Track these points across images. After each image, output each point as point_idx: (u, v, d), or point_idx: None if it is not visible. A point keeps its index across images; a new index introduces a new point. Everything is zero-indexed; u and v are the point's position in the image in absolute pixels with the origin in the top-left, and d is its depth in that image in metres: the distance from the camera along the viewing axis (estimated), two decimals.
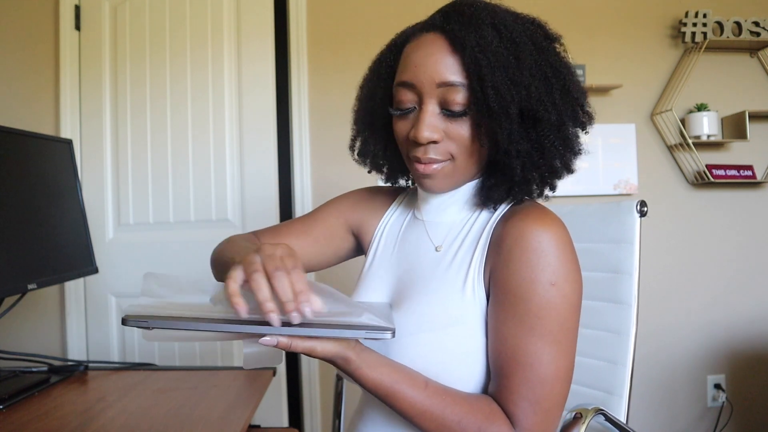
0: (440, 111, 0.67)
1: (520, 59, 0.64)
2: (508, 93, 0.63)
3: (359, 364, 0.61)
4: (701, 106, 2.09)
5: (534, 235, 0.64)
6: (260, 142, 1.88)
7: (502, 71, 0.63)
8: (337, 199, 0.93)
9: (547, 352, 0.63)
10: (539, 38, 0.68)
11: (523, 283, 0.63)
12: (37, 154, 1.24)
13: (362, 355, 0.61)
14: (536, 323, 0.63)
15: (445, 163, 0.69)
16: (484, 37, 0.63)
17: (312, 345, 0.56)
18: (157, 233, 1.92)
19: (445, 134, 0.68)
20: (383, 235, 0.85)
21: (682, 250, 2.15)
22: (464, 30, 0.64)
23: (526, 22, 0.69)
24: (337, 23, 2.02)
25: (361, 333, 0.55)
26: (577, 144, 0.71)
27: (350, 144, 0.87)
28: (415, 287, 0.73)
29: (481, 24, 0.64)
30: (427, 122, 0.66)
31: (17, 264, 1.12)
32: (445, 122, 0.67)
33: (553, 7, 2.07)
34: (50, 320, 1.96)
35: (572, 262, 0.65)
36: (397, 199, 0.90)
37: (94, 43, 1.95)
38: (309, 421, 1.99)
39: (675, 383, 2.13)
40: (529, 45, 0.65)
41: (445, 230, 0.76)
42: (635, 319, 0.91)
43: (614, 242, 0.96)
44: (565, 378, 0.64)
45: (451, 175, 0.70)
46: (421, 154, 0.69)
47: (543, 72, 0.66)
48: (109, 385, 1.11)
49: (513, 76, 0.63)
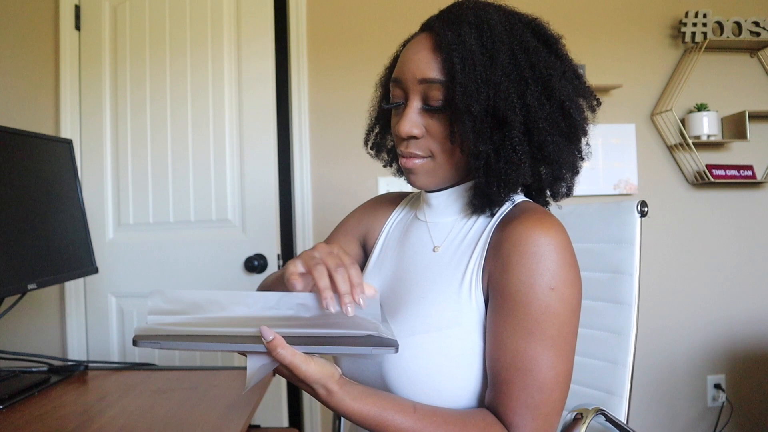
0: (422, 106, 0.69)
1: (495, 59, 0.64)
2: (475, 91, 0.63)
3: (342, 396, 0.60)
4: (701, 106, 2.09)
5: (533, 239, 0.64)
6: (260, 142, 1.88)
7: (472, 69, 0.63)
8: (346, 218, 0.95)
9: (546, 357, 0.62)
10: (528, 39, 0.66)
11: (522, 288, 0.63)
12: (37, 154, 1.24)
13: (346, 387, 0.60)
14: (535, 328, 0.62)
15: (425, 159, 0.71)
16: (461, 36, 0.64)
17: (296, 362, 0.56)
18: (157, 233, 1.92)
19: (426, 130, 0.69)
20: (386, 238, 0.86)
21: (682, 250, 2.15)
22: (446, 29, 0.66)
23: (517, 23, 0.68)
24: (337, 23, 2.02)
25: (366, 350, 0.56)
26: (554, 152, 0.67)
27: (365, 138, 0.88)
28: (412, 289, 0.73)
29: (462, 23, 0.65)
30: (408, 117, 0.69)
31: (17, 264, 1.12)
32: (426, 118, 0.69)
33: (553, 7, 2.07)
34: (50, 320, 1.96)
35: (572, 266, 0.65)
36: (401, 203, 0.90)
37: (94, 43, 1.95)
38: (309, 421, 1.99)
39: (675, 383, 2.13)
40: (510, 45, 0.65)
41: (446, 231, 0.76)
42: (635, 320, 0.91)
43: (615, 242, 0.96)
44: (563, 383, 0.64)
45: (432, 172, 0.72)
46: (404, 148, 0.71)
47: (520, 73, 0.65)
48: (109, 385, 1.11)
49: (483, 74, 0.63)
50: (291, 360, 0.56)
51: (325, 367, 0.59)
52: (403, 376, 0.66)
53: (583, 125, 0.70)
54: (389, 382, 0.68)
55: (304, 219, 1.99)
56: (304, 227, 1.99)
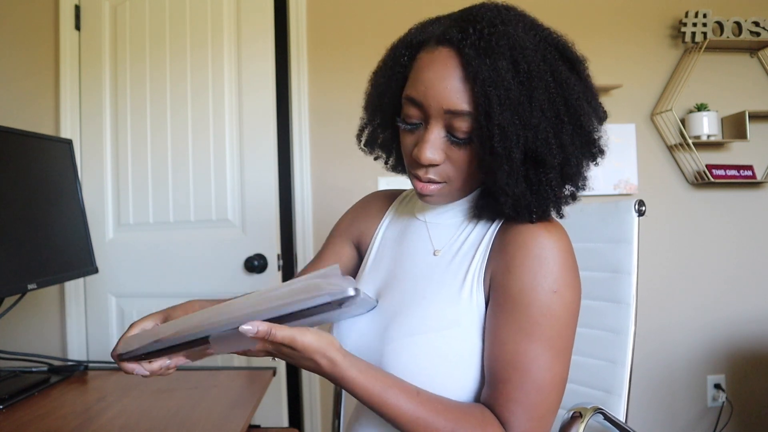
0: (445, 135, 0.66)
1: (533, 98, 0.61)
2: (514, 134, 0.60)
3: (347, 366, 0.60)
4: (701, 106, 2.08)
5: (538, 241, 0.65)
6: (260, 142, 1.88)
7: (511, 110, 0.60)
8: (339, 220, 0.95)
9: (544, 358, 0.63)
10: (559, 68, 0.63)
11: (525, 289, 0.64)
12: (37, 154, 1.24)
13: (349, 357, 0.61)
14: (535, 329, 0.63)
15: (442, 184, 0.69)
16: (498, 70, 0.59)
17: (291, 334, 0.56)
18: (157, 233, 1.92)
19: (447, 157, 0.67)
20: (380, 237, 0.85)
21: (682, 250, 2.15)
22: (479, 58, 0.60)
23: (548, 47, 0.64)
24: (337, 23, 2.02)
25: (324, 298, 0.55)
26: (579, 178, 0.68)
27: (357, 133, 0.83)
28: (411, 290, 0.73)
29: (498, 53, 0.60)
30: (430, 144, 0.65)
31: (17, 264, 1.12)
32: (449, 146, 0.66)
33: (553, 7, 2.07)
34: (50, 320, 1.96)
35: (573, 270, 0.66)
36: (395, 201, 0.89)
37: (94, 43, 1.96)
38: (309, 421, 1.99)
39: (675, 383, 2.13)
40: (546, 79, 0.62)
41: (446, 232, 0.76)
42: (634, 319, 0.92)
43: (613, 242, 0.96)
44: (559, 385, 0.64)
45: (447, 194, 0.71)
46: (422, 174, 0.68)
47: (555, 110, 0.62)
48: (109, 385, 1.11)
49: (522, 116, 0.60)
50: (285, 334, 0.56)
51: (323, 336, 0.59)
52: (402, 376, 0.66)
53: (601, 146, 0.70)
54: None
55: (304, 219, 1.99)
56: (304, 227, 1.99)
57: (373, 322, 0.74)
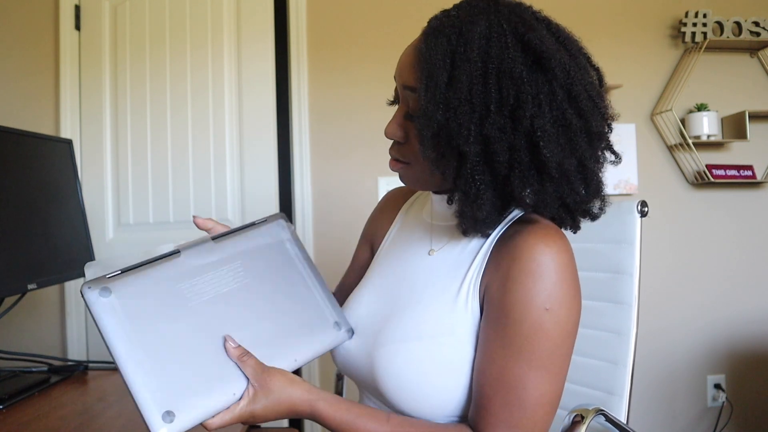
0: (405, 112, 0.68)
1: (454, 78, 0.58)
2: (433, 113, 0.59)
3: (315, 398, 0.63)
4: (701, 106, 2.08)
5: (534, 255, 0.61)
6: (260, 142, 1.88)
7: (433, 89, 0.59)
8: (365, 225, 0.97)
9: (532, 377, 0.60)
10: (514, 60, 0.57)
11: (517, 305, 0.61)
12: (37, 154, 1.24)
13: (316, 391, 0.64)
14: (525, 347, 0.61)
15: (405, 165, 0.70)
16: (434, 48, 0.59)
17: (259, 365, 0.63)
18: (157, 233, 1.92)
19: (408, 136, 0.68)
20: (391, 238, 0.85)
21: (682, 250, 2.15)
22: (429, 37, 0.61)
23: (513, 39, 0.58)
24: (337, 23, 2.02)
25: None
26: (516, 175, 0.59)
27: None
28: (408, 292, 0.73)
29: (444, 34, 0.60)
30: (392, 120, 0.69)
31: (17, 264, 1.12)
32: (408, 125, 0.67)
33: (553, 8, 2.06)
34: (50, 320, 1.96)
35: (571, 286, 0.62)
36: (409, 200, 0.89)
37: (94, 43, 1.95)
38: (309, 421, 1.99)
39: (675, 383, 2.13)
40: (484, 67, 0.57)
41: (447, 235, 0.74)
42: (636, 320, 0.91)
43: (615, 242, 0.96)
44: (549, 404, 0.62)
45: (415, 178, 0.71)
46: (392, 152, 0.71)
47: (485, 99, 0.57)
48: (109, 385, 1.11)
49: (443, 96, 0.58)
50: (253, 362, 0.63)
51: (295, 379, 0.63)
52: (394, 381, 0.66)
53: (545, 153, 0.59)
54: (381, 386, 0.68)
55: (304, 219, 1.99)
56: (304, 227, 1.99)
57: (367, 324, 0.74)
